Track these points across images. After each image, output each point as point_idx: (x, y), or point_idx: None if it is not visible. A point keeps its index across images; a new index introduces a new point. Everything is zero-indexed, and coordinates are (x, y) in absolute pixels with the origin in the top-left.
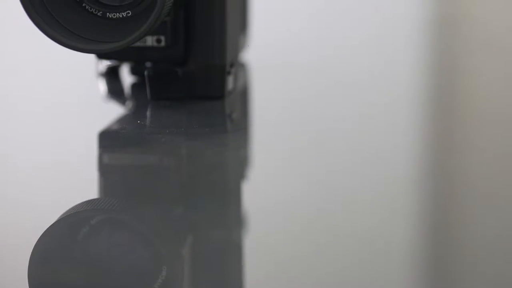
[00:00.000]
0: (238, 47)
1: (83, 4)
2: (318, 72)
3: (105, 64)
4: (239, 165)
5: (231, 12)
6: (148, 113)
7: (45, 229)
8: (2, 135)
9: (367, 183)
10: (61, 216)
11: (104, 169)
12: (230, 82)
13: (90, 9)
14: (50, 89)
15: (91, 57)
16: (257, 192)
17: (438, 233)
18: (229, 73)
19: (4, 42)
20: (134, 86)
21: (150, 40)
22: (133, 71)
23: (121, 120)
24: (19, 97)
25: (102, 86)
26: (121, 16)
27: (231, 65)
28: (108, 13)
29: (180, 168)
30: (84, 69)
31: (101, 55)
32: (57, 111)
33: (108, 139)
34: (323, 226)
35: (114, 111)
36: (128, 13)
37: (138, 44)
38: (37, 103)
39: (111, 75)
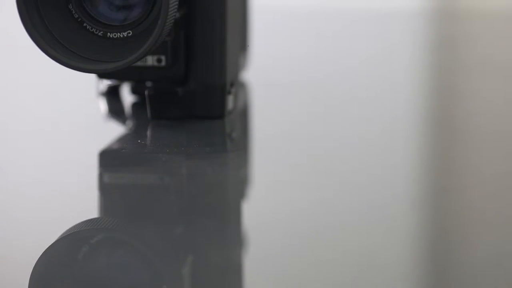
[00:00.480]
0: (238, 66)
1: (84, 24)
2: (318, 91)
3: (105, 83)
4: (239, 185)
5: (231, 32)
6: (148, 133)
7: (45, 248)
8: (2, 153)
9: (367, 202)
10: (61, 235)
11: (105, 189)
12: (230, 101)
13: (91, 29)
14: (50, 108)
15: (92, 76)
16: (257, 212)
17: (438, 254)
18: (229, 92)
19: (5, 61)
20: (134, 106)
21: (150, 60)
22: (134, 91)
23: (122, 140)
24: (20, 115)
25: (102, 105)
26: (122, 36)
27: (231, 85)
28: (109, 33)
29: (180, 188)
30: (85, 88)
31: (101, 75)
32: (58, 130)
33: (109, 159)
34: (323, 246)
35: (114, 131)
36: (129, 33)
37: (139, 63)
38: (37, 122)
39: (112, 95)
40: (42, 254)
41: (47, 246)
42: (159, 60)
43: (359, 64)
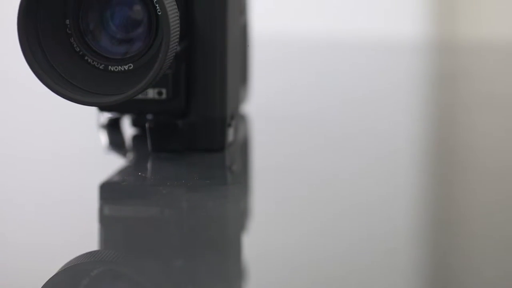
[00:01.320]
0: (239, 99)
1: (86, 58)
2: (317, 124)
3: (106, 116)
4: (239, 218)
5: (231, 65)
6: (149, 165)
7: (45, 280)
8: (2, 186)
9: (367, 235)
10: (61, 267)
11: (105, 221)
12: (230, 134)
13: (93, 62)
14: (51, 140)
15: (93, 109)
16: (258, 245)
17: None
18: (229, 125)
19: (6, 93)
20: (135, 138)
21: (151, 93)
22: (134, 123)
23: (122, 172)
24: (21, 147)
25: (103, 137)
26: (123, 69)
27: (232, 117)
28: (110, 66)
29: (181, 220)
30: (86, 120)
31: (102, 108)
32: (58, 162)
33: (109, 191)
34: (323, 279)
35: (115, 163)
36: (130, 66)
37: (140, 96)
38: (38, 154)
39: (112, 127)
40: (43, 286)
41: (48, 279)
42: (160, 93)
43: (359, 97)
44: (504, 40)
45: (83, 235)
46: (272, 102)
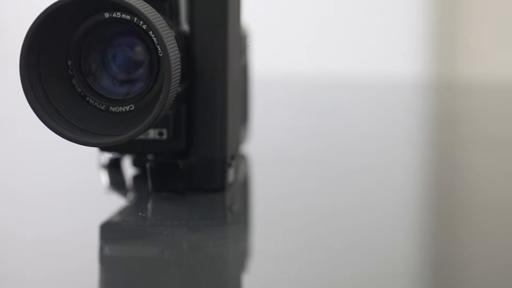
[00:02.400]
0: (239, 139)
1: (87, 98)
2: (317, 164)
3: (107, 156)
4: (239, 258)
5: (232, 105)
6: (149, 205)
7: None
8: (1, 225)
9: (368, 276)
10: None
11: (105, 261)
12: (230, 174)
13: (94, 103)
14: (52, 180)
15: (94, 149)
16: (258, 285)
17: None
18: (229, 165)
19: (7, 133)
20: (135, 178)
21: (152, 133)
22: (135, 163)
23: (123, 212)
24: (21, 187)
25: (104, 178)
26: (124, 110)
27: (232, 158)
28: (111, 107)
29: (181, 261)
30: (86, 161)
31: (103, 148)
32: (59, 202)
33: (110, 231)
34: None
35: (115, 203)
36: (131, 107)
37: (141, 137)
38: (39, 194)
39: (113, 167)
40: None
41: None
42: (160, 134)
43: (359, 137)
44: (503, 80)
45: (83, 275)
46: (272, 142)
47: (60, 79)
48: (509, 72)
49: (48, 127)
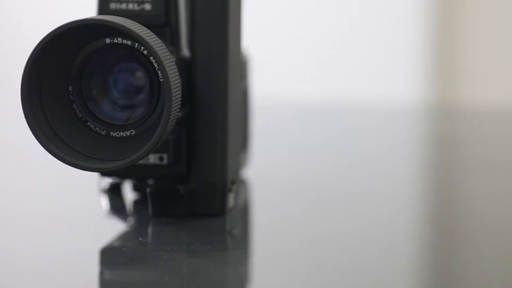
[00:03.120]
0: (239, 164)
1: (88, 123)
2: (318, 189)
3: (107, 180)
4: (240, 283)
5: (232, 131)
6: (149, 230)
7: None
8: (2, 250)
9: None
10: None
11: (106, 286)
12: (231, 199)
13: (94, 128)
14: (52, 205)
15: (94, 174)
16: None
17: None
18: (230, 190)
19: (7, 157)
20: (136, 203)
21: (152, 158)
22: (135, 188)
23: (123, 237)
24: (21, 211)
25: (104, 202)
26: (124, 135)
27: (232, 182)
28: (112, 132)
29: (181, 286)
30: (87, 185)
31: (104, 173)
32: (59, 226)
33: (110, 256)
34: None
35: (116, 228)
36: (132, 132)
37: (141, 161)
38: (38, 219)
39: (113, 192)
40: None
41: None
42: (161, 158)
43: (359, 162)
44: (502, 105)
45: None
46: (273, 166)
47: (61, 104)
48: (509, 97)
49: (49, 152)
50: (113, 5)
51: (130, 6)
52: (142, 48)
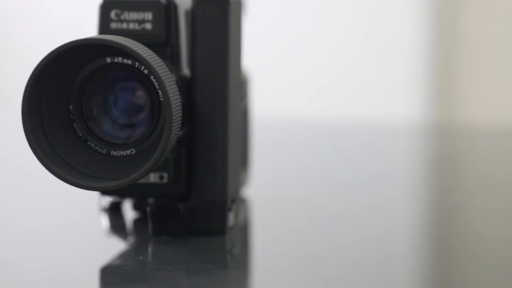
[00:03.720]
0: (239, 182)
1: (88, 142)
2: (317, 208)
3: (107, 199)
4: None
5: (232, 150)
6: (149, 249)
7: None
8: (2, 269)
9: None
10: None
11: None
12: (231, 218)
13: (95, 147)
14: (52, 224)
15: (94, 192)
16: None
17: None
18: (230, 209)
19: (8, 177)
20: (136, 222)
21: (153, 177)
22: (136, 207)
23: (123, 256)
24: (21, 231)
25: (104, 221)
26: (125, 154)
27: (232, 201)
28: (112, 151)
29: None
30: (87, 204)
31: (104, 192)
32: (60, 245)
33: (110, 275)
34: None
35: (116, 246)
36: (132, 151)
37: (141, 180)
38: (39, 238)
39: (114, 211)
40: None
41: None
42: (161, 177)
43: (359, 180)
44: (502, 123)
45: None
46: (273, 185)
47: (61, 123)
48: (508, 116)
49: (49, 171)
50: (113, 25)
51: (131, 25)
52: (143, 67)
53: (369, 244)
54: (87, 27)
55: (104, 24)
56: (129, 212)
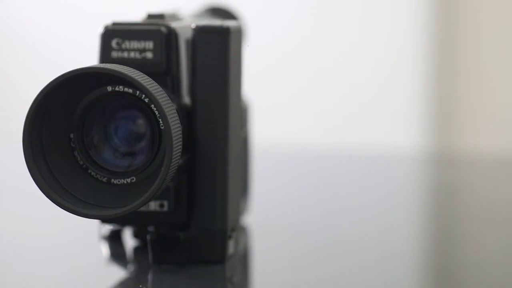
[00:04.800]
0: (239, 211)
1: (89, 171)
2: (317, 236)
3: (107, 227)
4: None
5: (232, 178)
6: (149, 277)
7: None
8: None
9: None
10: None
11: None
12: (231, 246)
13: (96, 175)
14: (52, 252)
15: (94, 220)
16: None
17: None
18: (230, 237)
19: (9, 205)
20: (136, 250)
21: (153, 205)
22: (136, 235)
23: (123, 284)
24: (20, 258)
25: (104, 249)
26: (125, 182)
27: (232, 230)
28: (113, 179)
29: None
30: (87, 232)
31: (104, 220)
32: (59, 274)
33: None
34: None
35: (116, 275)
36: (133, 179)
37: (142, 208)
38: (38, 266)
39: (114, 239)
40: None
41: None
42: (161, 206)
43: (359, 208)
44: (503, 152)
45: None
46: (273, 213)
47: (62, 151)
48: (509, 144)
49: (50, 199)
50: (114, 54)
51: (132, 54)
52: (144, 96)
53: (369, 272)
54: (88, 56)
55: (105, 53)
56: (129, 240)
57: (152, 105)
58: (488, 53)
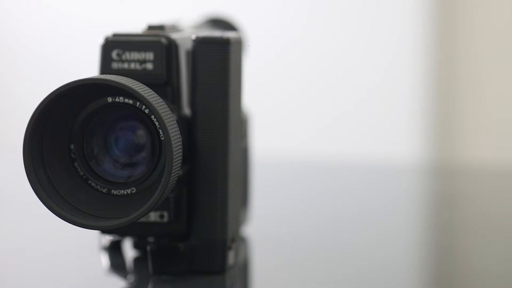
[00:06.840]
0: (239, 221)
1: (89, 181)
2: (317, 246)
3: (108, 238)
4: None
5: (232, 189)
6: None
7: None
8: None
9: None
10: None
11: None
12: (231, 257)
13: (96, 186)
14: (52, 263)
15: (95, 231)
16: None
17: None
18: (230, 248)
19: (8, 216)
20: (136, 261)
21: (153, 216)
22: (136, 245)
23: None
24: (20, 268)
25: (104, 260)
26: (126, 193)
27: (232, 240)
28: (113, 190)
29: None
30: (87, 243)
31: (104, 230)
32: (59, 284)
33: None
34: None
35: (116, 286)
36: (133, 190)
37: (142, 219)
38: (37, 276)
39: (114, 249)
40: None
41: None
42: (161, 216)
43: (359, 220)
44: (503, 163)
45: None
46: (273, 224)
47: (62, 162)
48: (509, 155)
49: (50, 210)
50: (115, 65)
51: (132, 65)
52: (144, 107)
53: (369, 283)
54: (88, 67)
55: (106, 63)
56: (129, 251)
57: (152, 116)
58: (489, 65)
